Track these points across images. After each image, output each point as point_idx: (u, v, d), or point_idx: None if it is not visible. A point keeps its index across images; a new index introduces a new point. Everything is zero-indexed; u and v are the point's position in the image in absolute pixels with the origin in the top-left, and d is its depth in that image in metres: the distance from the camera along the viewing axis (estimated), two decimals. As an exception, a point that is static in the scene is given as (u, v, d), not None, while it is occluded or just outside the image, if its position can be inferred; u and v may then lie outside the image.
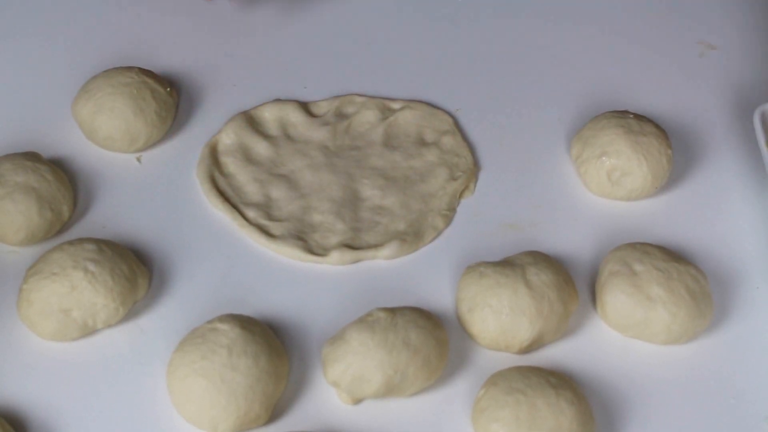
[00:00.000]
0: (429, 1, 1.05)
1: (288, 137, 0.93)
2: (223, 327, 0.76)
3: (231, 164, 0.91)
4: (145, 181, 0.91)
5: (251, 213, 0.88)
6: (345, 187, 0.90)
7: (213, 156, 0.92)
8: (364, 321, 0.77)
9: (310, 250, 0.86)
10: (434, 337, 0.77)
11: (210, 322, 0.78)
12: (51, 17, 1.04)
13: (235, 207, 0.88)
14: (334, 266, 0.85)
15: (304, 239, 0.86)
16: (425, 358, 0.76)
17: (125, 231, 0.86)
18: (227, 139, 0.92)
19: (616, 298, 0.80)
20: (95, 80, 0.92)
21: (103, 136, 0.91)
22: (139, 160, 0.92)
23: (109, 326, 0.81)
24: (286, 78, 0.99)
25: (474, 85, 0.98)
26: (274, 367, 0.76)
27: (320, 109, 0.96)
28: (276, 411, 0.77)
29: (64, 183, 0.87)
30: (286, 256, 0.86)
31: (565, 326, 0.81)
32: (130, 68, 0.93)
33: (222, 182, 0.90)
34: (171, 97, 0.93)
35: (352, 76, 0.98)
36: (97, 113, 0.90)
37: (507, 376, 0.76)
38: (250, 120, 0.94)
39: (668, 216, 0.89)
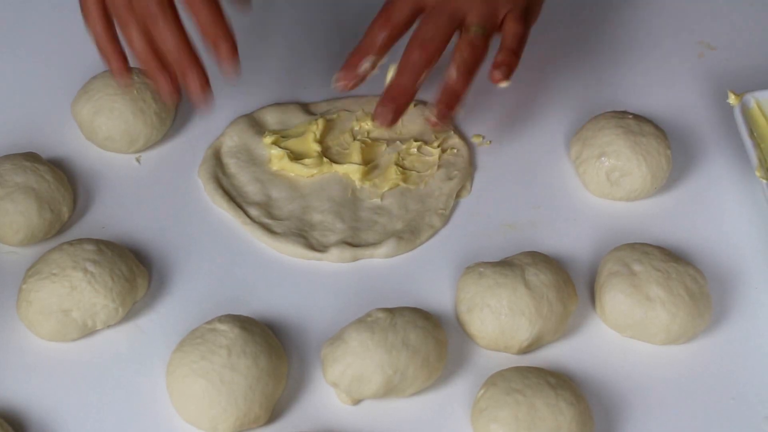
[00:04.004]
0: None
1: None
2: (223, 327, 0.77)
3: (233, 165, 0.91)
4: (145, 182, 0.91)
5: (253, 211, 0.88)
6: (344, 186, 0.90)
7: (216, 157, 0.92)
8: (364, 321, 0.77)
9: (311, 247, 0.86)
10: (433, 338, 0.77)
11: (209, 322, 0.78)
12: (51, 17, 1.04)
13: (238, 206, 0.89)
14: (333, 266, 0.85)
15: (304, 237, 0.87)
16: (424, 358, 0.76)
17: (125, 231, 0.87)
18: (230, 142, 0.93)
19: (616, 298, 0.80)
20: (95, 81, 0.92)
21: (103, 137, 0.91)
22: (138, 160, 0.92)
23: (109, 326, 0.81)
24: (285, 78, 0.99)
25: (473, 85, 0.98)
26: (273, 367, 0.76)
27: (321, 109, 0.96)
28: (275, 411, 0.77)
29: (64, 183, 0.87)
30: (287, 253, 0.86)
31: (564, 326, 0.81)
32: (130, 69, 0.93)
33: (225, 182, 0.90)
34: None
35: (352, 77, 0.98)
36: (96, 114, 0.90)
37: (506, 376, 0.76)
38: (253, 122, 0.94)
39: (667, 216, 0.89)
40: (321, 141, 0.92)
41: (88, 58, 0.98)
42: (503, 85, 0.85)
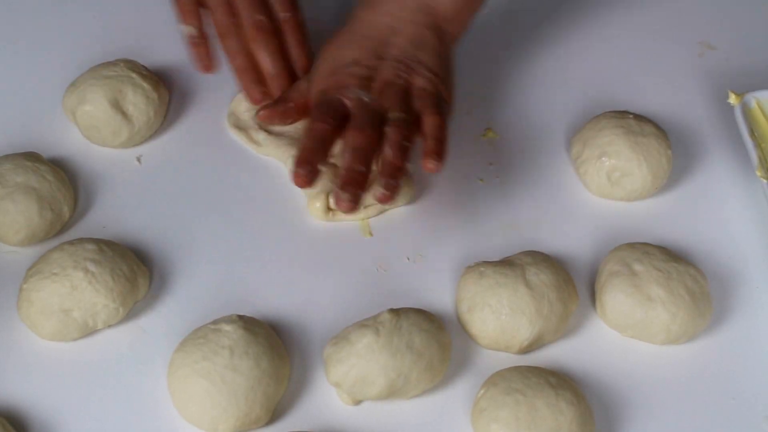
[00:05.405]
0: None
1: None
2: (227, 328, 0.76)
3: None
4: (146, 181, 0.91)
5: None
6: None
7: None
8: (369, 323, 0.77)
9: None
10: (437, 341, 0.77)
11: (214, 322, 0.78)
12: (51, 17, 1.04)
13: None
14: (334, 265, 0.85)
15: None
16: (428, 362, 0.76)
17: (125, 231, 0.87)
18: (242, 107, 0.95)
19: (616, 298, 0.80)
20: (83, 74, 0.92)
21: (84, 126, 0.90)
22: (139, 160, 0.92)
23: (110, 326, 0.81)
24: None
25: (474, 85, 0.98)
26: (275, 368, 0.76)
27: None
28: (276, 412, 0.77)
29: (65, 183, 0.87)
30: None
31: (564, 326, 0.81)
32: (116, 62, 0.93)
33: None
34: (157, 92, 0.92)
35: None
36: (79, 104, 0.90)
37: (506, 376, 0.76)
38: None
39: (668, 216, 0.89)
40: None
41: (88, 58, 0.98)
42: (438, 170, 0.83)
